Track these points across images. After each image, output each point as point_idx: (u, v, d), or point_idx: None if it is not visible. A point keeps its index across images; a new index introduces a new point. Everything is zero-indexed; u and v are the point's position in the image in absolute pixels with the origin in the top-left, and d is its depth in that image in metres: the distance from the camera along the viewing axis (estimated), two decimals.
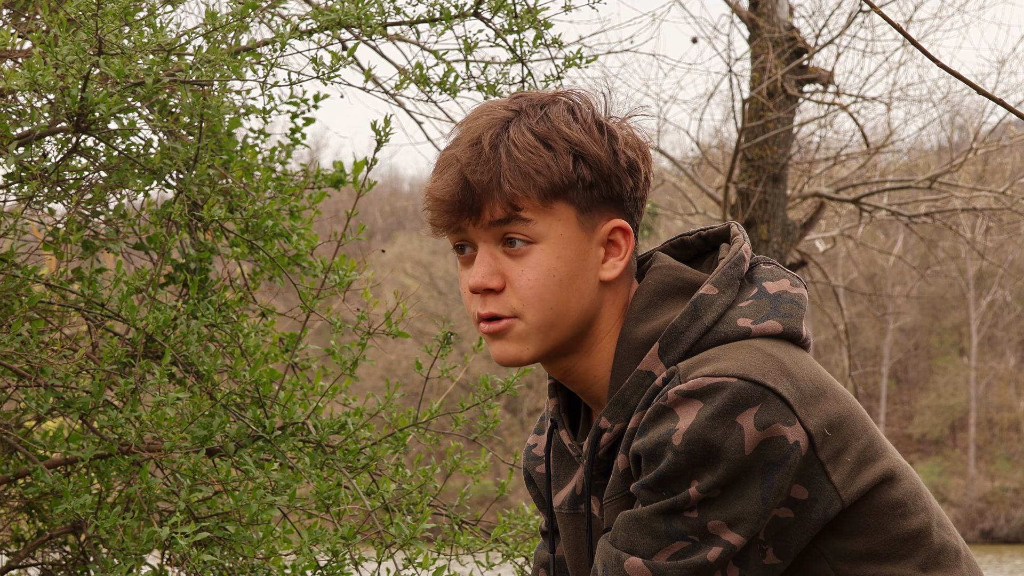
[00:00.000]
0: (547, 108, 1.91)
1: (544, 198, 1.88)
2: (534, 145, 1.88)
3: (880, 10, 2.38)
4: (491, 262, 1.91)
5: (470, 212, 1.89)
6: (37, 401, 3.65)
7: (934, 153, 15.40)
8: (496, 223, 1.89)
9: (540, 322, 1.91)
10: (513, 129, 1.89)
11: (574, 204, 1.90)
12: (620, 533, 1.87)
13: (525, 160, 1.87)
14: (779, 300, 1.93)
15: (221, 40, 3.70)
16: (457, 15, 4.05)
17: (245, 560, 3.76)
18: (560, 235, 1.90)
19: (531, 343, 1.92)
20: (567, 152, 1.89)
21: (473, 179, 1.88)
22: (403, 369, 26.07)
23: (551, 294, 1.90)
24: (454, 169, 1.89)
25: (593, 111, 1.93)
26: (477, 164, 1.88)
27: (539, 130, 1.89)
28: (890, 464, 1.89)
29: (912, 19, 12.28)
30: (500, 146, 1.88)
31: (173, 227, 3.92)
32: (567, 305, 1.91)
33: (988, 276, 35.50)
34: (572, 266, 1.91)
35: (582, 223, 1.91)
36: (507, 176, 1.87)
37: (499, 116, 1.91)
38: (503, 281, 1.91)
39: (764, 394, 1.81)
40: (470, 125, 1.92)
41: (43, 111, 3.69)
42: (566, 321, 1.92)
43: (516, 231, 1.89)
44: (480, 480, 4.13)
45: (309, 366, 4.09)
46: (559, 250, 1.90)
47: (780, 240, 11.04)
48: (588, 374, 1.97)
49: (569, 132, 1.89)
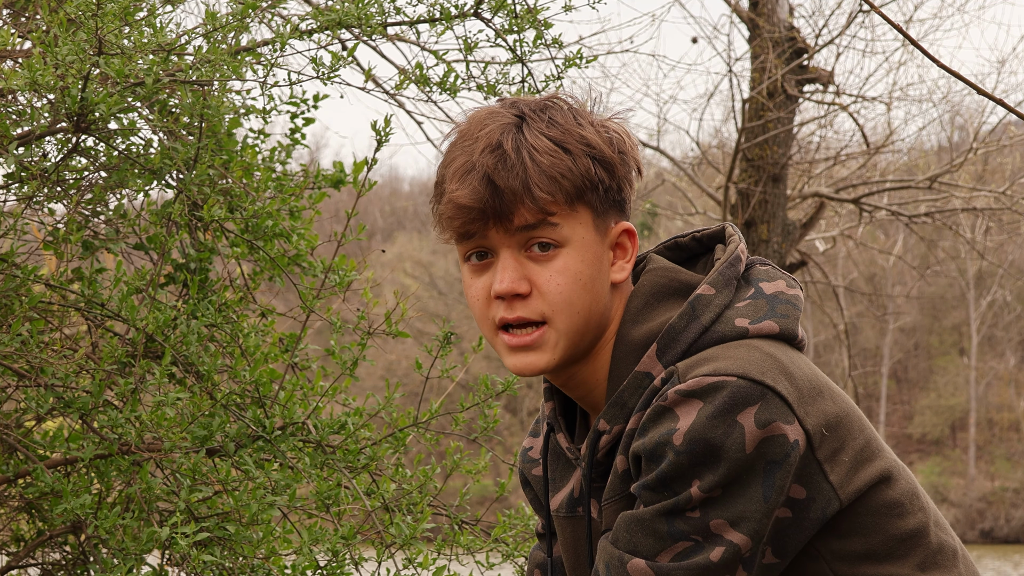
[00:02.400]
0: (550, 112, 1.90)
1: (570, 201, 1.88)
2: (553, 149, 1.87)
3: (880, 10, 2.38)
4: (517, 267, 1.89)
5: (498, 218, 1.87)
6: (37, 401, 3.65)
7: (934, 153, 15.39)
8: (524, 228, 1.87)
9: (569, 327, 1.90)
10: (528, 133, 1.87)
11: (592, 207, 1.90)
12: (622, 534, 1.87)
13: (549, 164, 1.86)
14: (776, 301, 1.93)
15: (221, 40, 3.70)
16: (457, 15, 4.05)
17: (245, 560, 3.76)
18: (583, 238, 1.90)
19: (559, 350, 1.91)
20: (584, 155, 1.88)
21: (503, 184, 1.85)
22: (403, 369, 26.05)
23: (578, 298, 1.90)
24: (478, 175, 1.86)
25: (591, 114, 1.93)
26: (504, 169, 1.86)
27: (552, 134, 1.88)
28: (887, 464, 1.89)
29: (912, 19, 12.27)
30: (522, 149, 1.86)
31: (173, 227, 3.92)
32: (591, 308, 1.91)
33: (988, 276, 35.48)
34: (593, 269, 1.91)
35: (597, 226, 1.91)
36: (535, 180, 1.86)
37: (508, 121, 1.89)
38: (530, 286, 1.89)
39: (764, 393, 1.81)
40: (482, 130, 1.89)
41: (43, 111, 3.69)
42: (589, 325, 1.92)
43: (545, 235, 1.88)
44: (480, 480, 4.13)
45: (309, 366, 4.09)
46: (582, 253, 1.90)
47: (780, 240, 11.04)
48: (588, 380, 1.97)
49: (583, 134, 1.89)
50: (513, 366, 1.91)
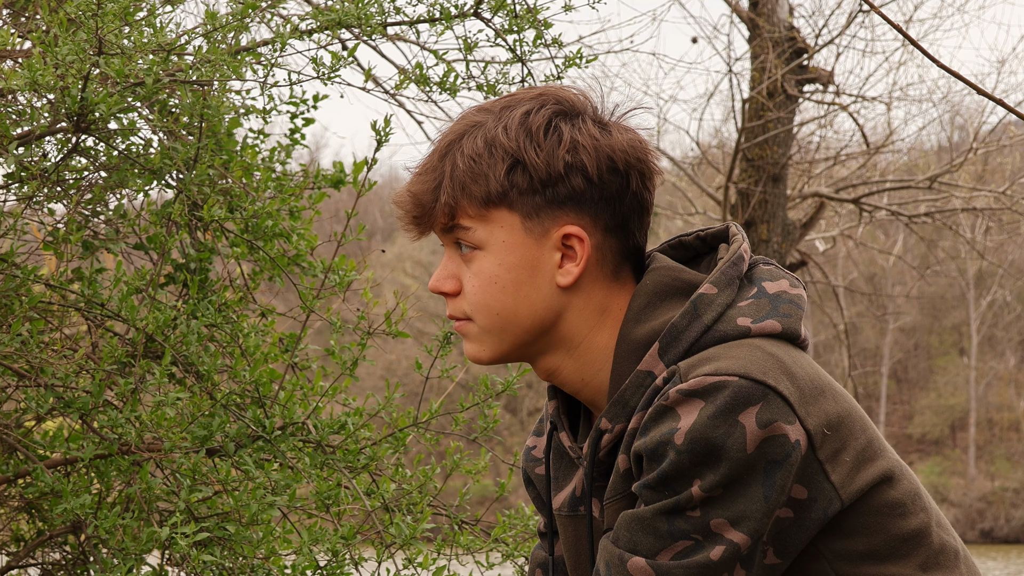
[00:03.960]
0: (511, 111, 1.92)
1: (481, 206, 1.90)
2: (478, 153, 1.90)
3: (880, 10, 2.38)
4: (448, 265, 1.96)
5: (420, 220, 1.94)
6: (37, 401, 3.65)
7: (934, 153, 15.40)
8: (444, 230, 1.94)
9: (488, 326, 1.94)
10: (468, 138, 1.92)
11: (517, 210, 1.91)
12: (622, 533, 1.87)
13: (464, 169, 1.90)
14: (778, 300, 1.93)
15: (221, 40, 3.70)
16: (457, 15, 4.05)
17: (245, 560, 3.76)
18: (503, 242, 1.91)
19: (486, 344, 1.96)
20: (503, 159, 1.90)
21: (415, 190, 1.93)
22: (403, 369, 26.05)
23: (494, 300, 1.92)
24: (411, 179, 1.95)
25: (554, 113, 1.91)
26: (422, 174, 1.93)
27: (489, 137, 1.91)
28: (889, 464, 1.89)
29: (912, 19, 12.28)
30: (448, 156, 1.92)
31: (173, 227, 3.92)
32: (515, 311, 1.93)
33: (988, 276, 35.50)
34: (517, 272, 1.92)
35: (529, 229, 1.91)
36: (445, 186, 1.91)
37: (467, 123, 1.93)
38: (458, 284, 1.95)
39: (765, 392, 1.81)
40: (440, 136, 1.96)
41: (43, 111, 3.69)
42: (517, 325, 1.93)
43: (460, 238, 1.93)
44: (480, 480, 4.13)
45: (309, 366, 4.09)
46: (501, 257, 1.92)
47: (780, 240, 11.04)
48: (575, 375, 1.97)
49: (506, 140, 1.90)
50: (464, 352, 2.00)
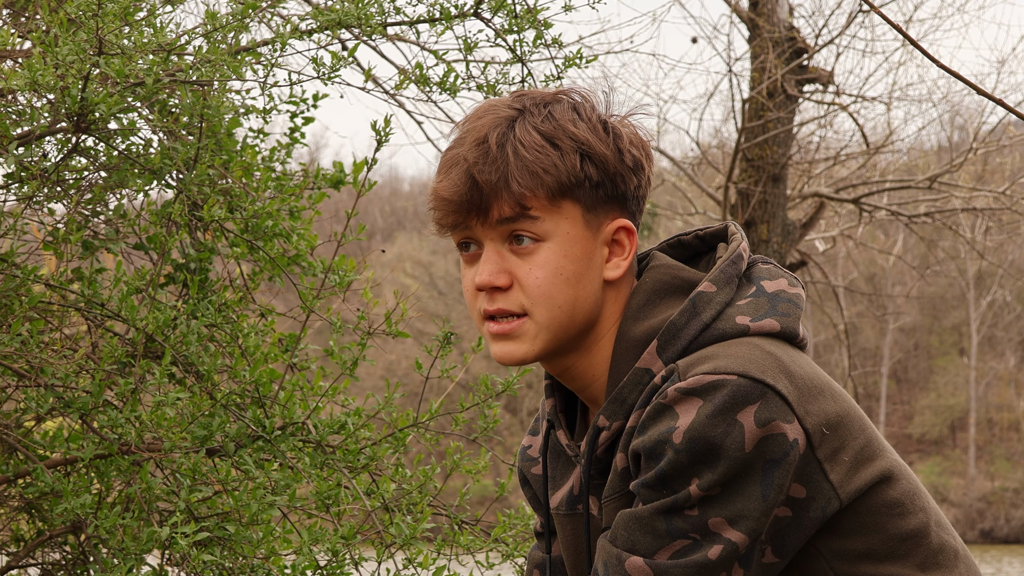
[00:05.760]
0: (551, 107, 1.92)
1: (552, 197, 1.89)
2: (541, 144, 1.89)
3: (880, 10, 2.38)
4: (498, 260, 1.91)
5: (478, 211, 1.90)
6: (37, 401, 3.65)
7: (934, 153, 15.39)
8: (504, 221, 1.90)
9: (549, 320, 1.91)
10: (519, 128, 1.90)
11: (580, 203, 1.91)
12: (620, 532, 1.87)
13: (532, 159, 1.88)
14: (777, 299, 1.94)
15: (221, 40, 3.70)
16: (457, 15, 4.05)
17: (245, 560, 3.76)
18: (567, 233, 1.91)
19: (539, 341, 1.92)
20: (574, 151, 1.90)
21: (481, 178, 1.88)
22: (403, 369, 26.07)
23: (559, 292, 1.91)
24: (460, 168, 1.90)
25: (596, 109, 1.94)
26: (484, 163, 1.89)
27: (545, 129, 1.90)
28: (888, 464, 1.89)
29: (912, 19, 12.28)
30: (507, 144, 1.89)
31: (173, 227, 3.92)
32: (574, 304, 1.92)
33: (988, 276, 35.49)
34: (579, 265, 1.92)
35: (588, 222, 1.92)
36: (515, 175, 1.88)
37: (504, 115, 1.91)
38: (510, 279, 1.91)
39: (764, 391, 1.81)
40: (474, 124, 1.92)
41: (43, 111, 3.69)
42: (573, 320, 1.92)
43: (524, 229, 1.90)
44: (480, 480, 4.13)
45: (309, 366, 4.09)
46: (566, 248, 1.91)
47: (780, 240, 11.04)
48: (587, 372, 1.97)
49: (575, 131, 1.90)
50: (495, 354, 1.95)
